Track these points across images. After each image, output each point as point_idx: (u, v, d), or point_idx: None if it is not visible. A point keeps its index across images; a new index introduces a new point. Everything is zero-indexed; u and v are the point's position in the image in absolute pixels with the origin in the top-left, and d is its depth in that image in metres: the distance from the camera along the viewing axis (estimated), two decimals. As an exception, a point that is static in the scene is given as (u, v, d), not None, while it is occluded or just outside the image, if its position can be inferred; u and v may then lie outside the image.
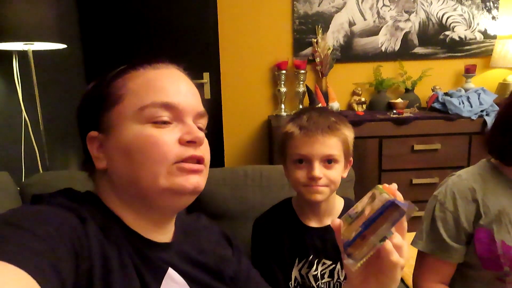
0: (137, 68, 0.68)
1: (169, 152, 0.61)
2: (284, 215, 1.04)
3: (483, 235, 0.94)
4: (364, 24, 2.83)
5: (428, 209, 1.03)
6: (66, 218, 0.54)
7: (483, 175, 0.99)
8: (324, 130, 0.92)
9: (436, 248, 0.99)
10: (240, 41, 2.83)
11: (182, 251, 0.70)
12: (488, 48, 2.89)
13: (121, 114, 0.64)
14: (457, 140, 2.49)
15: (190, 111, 0.66)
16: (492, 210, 0.94)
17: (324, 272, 0.99)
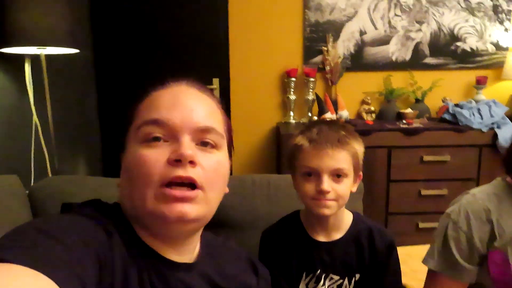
0: (155, 89, 0.68)
1: (155, 173, 0.58)
2: (292, 228, 1.03)
3: (498, 257, 0.92)
4: (375, 33, 2.82)
5: (441, 228, 1.01)
6: (94, 230, 0.54)
7: (498, 195, 0.97)
8: (333, 144, 0.92)
9: (448, 268, 0.98)
10: (250, 47, 2.84)
11: (204, 273, 0.68)
12: (499, 60, 2.86)
13: (129, 134, 0.65)
14: (467, 152, 2.47)
15: (185, 127, 0.61)
16: (507, 232, 0.92)
17: (332, 287, 0.98)
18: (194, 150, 0.60)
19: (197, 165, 0.60)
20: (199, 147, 0.63)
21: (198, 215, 0.60)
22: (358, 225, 1.01)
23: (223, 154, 0.66)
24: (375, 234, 0.99)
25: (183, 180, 0.58)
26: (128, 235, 0.61)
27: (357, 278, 0.98)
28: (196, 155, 0.60)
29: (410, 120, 2.57)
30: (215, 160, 0.64)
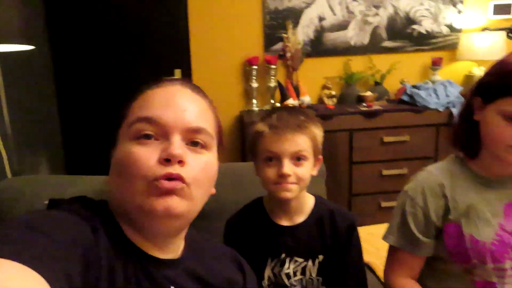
0: (146, 88, 0.68)
1: (145, 169, 0.59)
2: (255, 215, 1.04)
3: (452, 230, 0.96)
4: (334, 18, 2.86)
5: (399, 205, 1.04)
6: (81, 226, 0.55)
7: (451, 170, 1.01)
8: (293, 128, 0.93)
9: (407, 243, 1.01)
10: (211, 37, 2.81)
11: (189, 269, 0.69)
12: (454, 42, 2.97)
13: (122, 131, 0.66)
14: (425, 131, 2.56)
15: (176, 127, 0.62)
16: (461, 204, 0.96)
17: (296, 270, 1.00)
18: (184, 150, 0.62)
19: (186, 165, 0.61)
20: (189, 147, 0.63)
21: (183, 210, 0.61)
22: (320, 208, 1.04)
23: (212, 155, 0.68)
24: (336, 215, 1.02)
25: (172, 177, 0.60)
26: (114, 232, 0.61)
27: (320, 259, 1.01)
28: (186, 154, 0.62)
29: (370, 103, 2.64)
30: (204, 161, 0.65)
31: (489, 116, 0.91)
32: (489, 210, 0.95)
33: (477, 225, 0.94)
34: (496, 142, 0.91)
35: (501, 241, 0.92)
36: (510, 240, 0.92)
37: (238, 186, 1.34)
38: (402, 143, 2.55)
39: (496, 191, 0.97)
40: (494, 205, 0.96)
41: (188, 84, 0.69)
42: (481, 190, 0.98)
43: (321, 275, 1.01)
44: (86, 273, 0.51)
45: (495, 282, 0.92)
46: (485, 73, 0.97)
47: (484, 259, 0.92)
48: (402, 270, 1.04)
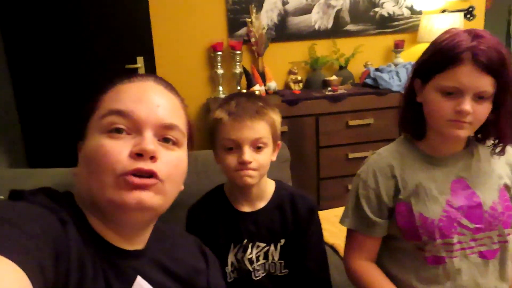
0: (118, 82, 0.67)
1: (115, 163, 0.59)
2: (217, 202, 1.04)
3: (403, 208, 1.00)
4: (297, 2, 2.84)
5: (353, 188, 1.07)
6: (49, 218, 0.54)
7: (400, 151, 1.04)
8: (252, 115, 0.93)
9: (361, 224, 1.04)
10: (173, 23, 2.75)
11: (154, 259, 0.70)
12: (415, 24, 3.02)
13: (91, 124, 0.65)
14: (389, 113, 2.60)
15: (149, 122, 0.62)
16: (410, 184, 0.99)
17: (259, 254, 1.01)
18: (156, 146, 0.62)
19: (158, 160, 0.62)
20: (160, 143, 0.64)
21: (154, 203, 0.61)
22: (281, 193, 1.04)
23: (182, 151, 0.68)
24: (297, 199, 1.03)
25: (143, 172, 0.60)
26: (80, 223, 0.60)
27: (282, 243, 1.02)
28: (158, 150, 0.62)
29: (335, 87, 2.66)
30: (175, 157, 0.65)
31: (429, 94, 0.94)
32: (436, 187, 0.98)
33: (426, 203, 0.97)
34: (437, 118, 0.93)
35: (448, 217, 0.96)
36: (456, 216, 0.96)
37: (202, 174, 1.33)
38: (366, 126, 2.59)
39: (442, 169, 1.00)
40: (441, 182, 0.99)
41: (161, 81, 0.69)
42: (428, 168, 1.00)
43: (283, 258, 1.02)
44: (57, 265, 0.51)
45: (444, 256, 0.96)
46: (421, 55, 1.00)
47: (433, 235, 0.95)
48: (360, 253, 1.06)
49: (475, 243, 0.97)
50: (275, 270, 1.03)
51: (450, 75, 0.89)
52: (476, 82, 0.87)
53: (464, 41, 0.88)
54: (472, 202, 0.97)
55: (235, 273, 1.03)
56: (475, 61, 0.86)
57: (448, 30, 0.95)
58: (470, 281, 0.96)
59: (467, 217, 0.96)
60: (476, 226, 0.96)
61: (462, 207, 0.97)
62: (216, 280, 0.82)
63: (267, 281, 1.03)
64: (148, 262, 0.68)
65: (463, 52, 0.87)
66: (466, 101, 0.88)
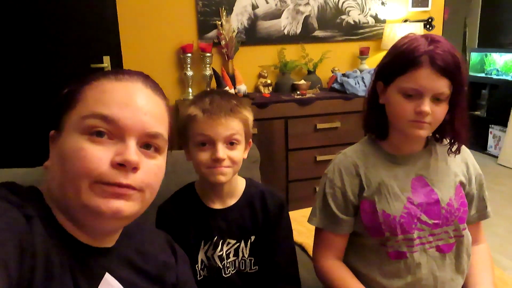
0: (105, 77, 0.64)
1: (93, 169, 0.57)
2: (188, 200, 1.04)
3: (367, 206, 1.03)
4: (267, 7, 2.88)
5: (320, 187, 1.10)
6: (13, 214, 0.52)
7: (365, 151, 1.08)
8: (227, 113, 0.94)
9: (329, 222, 1.06)
10: (141, 23, 2.71)
11: (123, 255, 0.69)
12: (379, 32, 3.13)
13: (70, 120, 0.61)
14: (355, 117, 2.68)
15: (134, 130, 0.60)
16: (373, 182, 1.03)
17: (229, 251, 1.02)
18: (139, 155, 0.61)
19: (139, 170, 0.61)
20: (142, 150, 0.63)
21: (132, 212, 0.60)
22: (251, 190, 1.06)
23: (163, 158, 0.67)
24: (267, 196, 1.05)
25: (122, 186, 0.59)
26: (47, 220, 0.58)
27: (252, 240, 1.03)
28: (141, 160, 0.61)
29: (304, 91, 2.71)
30: (156, 165, 0.64)
31: (391, 96, 0.98)
32: (398, 185, 1.03)
33: (388, 201, 1.01)
34: (399, 118, 0.97)
35: (409, 213, 1.00)
36: (416, 212, 1.00)
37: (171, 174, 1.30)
38: (334, 129, 2.66)
39: (403, 168, 1.04)
40: (402, 180, 1.03)
41: (149, 82, 0.67)
42: (390, 167, 1.05)
43: (253, 255, 1.03)
44: (22, 261, 0.49)
45: (406, 251, 1.00)
46: (382, 59, 1.04)
47: (394, 231, 0.99)
48: (328, 251, 1.09)
49: (433, 238, 1.01)
50: (245, 267, 1.03)
51: (410, 77, 0.93)
52: (434, 84, 0.92)
53: (421, 45, 0.93)
54: (431, 199, 1.02)
55: (205, 270, 1.03)
56: (432, 64, 0.91)
57: (407, 35, 1.00)
58: (429, 274, 1.01)
59: (426, 213, 1.01)
60: (434, 222, 1.01)
61: (421, 204, 1.01)
62: (185, 276, 0.82)
63: (237, 278, 1.03)
64: (117, 259, 0.67)
65: (421, 55, 0.92)
66: (425, 102, 0.92)
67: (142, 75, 0.67)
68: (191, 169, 1.34)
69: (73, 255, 0.60)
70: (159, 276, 0.74)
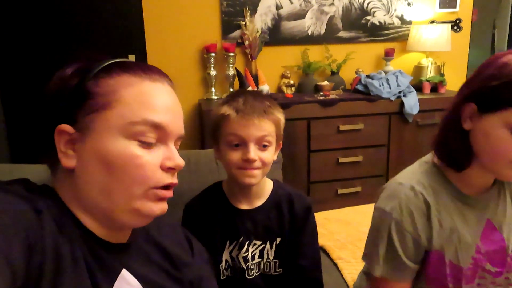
0: (131, 73, 0.63)
1: (151, 177, 0.61)
2: (215, 199, 1.04)
3: (434, 257, 0.90)
4: (291, 7, 2.87)
5: (381, 229, 0.90)
6: (22, 208, 0.52)
7: (432, 185, 0.90)
8: (260, 114, 0.94)
9: (395, 271, 0.91)
10: (166, 22, 2.74)
11: (141, 250, 0.70)
12: (404, 33, 3.08)
13: (108, 122, 0.60)
14: (378, 119, 2.65)
15: (175, 134, 0.65)
16: (445, 228, 0.88)
17: (255, 252, 1.01)
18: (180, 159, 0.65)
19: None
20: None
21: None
22: (278, 192, 1.05)
23: None
24: (294, 199, 1.04)
25: (172, 186, 0.64)
26: (61, 215, 0.59)
27: (278, 242, 1.02)
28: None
29: (327, 92, 2.69)
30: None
31: (491, 127, 0.80)
32: (469, 233, 0.89)
33: (457, 250, 0.89)
34: (498, 157, 0.80)
35: (475, 264, 0.90)
36: (482, 261, 0.90)
37: (194, 173, 1.33)
38: (357, 131, 2.63)
39: (475, 210, 0.90)
40: (473, 226, 0.90)
41: (169, 80, 0.69)
42: (462, 209, 0.90)
43: (277, 257, 1.03)
44: (30, 256, 0.49)
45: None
46: (485, 77, 0.81)
47: (459, 281, 0.90)
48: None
49: (493, 286, 0.92)
50: (269, 269, 1.03)
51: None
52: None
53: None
54: (498, 246, 0.90)
55: (228, 271, 1.03)
56: None
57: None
58: None
59: (490, 262, 0.90)
60: (497, 270, 0.90)
61: (488, 252, 0.90)
62: (201, 272, 0.81)
63: (260, 280, 1.03)
64: (134, 253, 0.68)
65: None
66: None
67: (163, 74, 0.69)
68: (213, 169, 1.35)
69: (89, 250, 0.60)
70: (175, 271, 0.74)
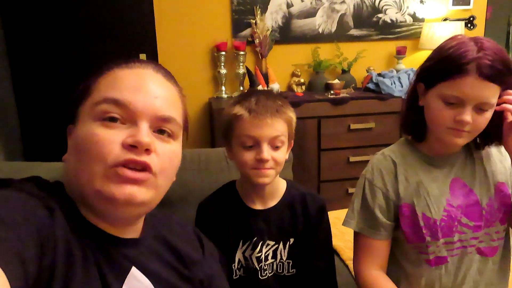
0: (117, 66, 0.64)
1: (107, 153, 0.57)
2: (228, 198, 1.03)
3: (406, 210, 0.99)
4: (302, 5, 2.86)
5: (358, 189, 1.06)
6: (34, 206, 0.52)
7: (402, 151, 1.05)
8: (272, 114, 0.93)
9: (367, 226, 1.02)
10: (177, 21, 2.74)
11: (150, 247, 0.68)
12: (417, 31, 3.04)
13: (84, 108, 0.62)
14: (389, 118, 2.62)
15: (146, 113, 0.60)
16: (412, 183, 1.00)
17: (268, 253, 1.01)
18: (151, 138, 0.60)
19: (152, 153, 0.60)
20: (156, 134, 0.62)
21: (146, 198, 0.60)
22: (292, 192, 1.04)
23: (178, 144, 0.67)
24: (308, 199, 1.03)
25: (137, 164, 0.58)
26: (70, 212, 0.58)
27: (291, 242, 1.02)
28: (154, 143, 0.60)
29: (338, 91, 2.67)
30: (170, 150, 0.63)
31: (431, 101, 0.94)
32: (437, 187, 0.99)
33: (428, 203, 0.98)
34: (437, 125, 0.94)
35: (449, 216, 0.97)
36: (456, 214, 0.97)
37: (204, 171, 1.33)
38: (368, 130, 2.60)
39: (442, 169, 1.01)
40: (441, 182, 1.00)
41: (160, 69, 0.67)
42: (429, 169, 1.01)
43: (291, 258, 1.02)
44: (42, 254, 0.49)
45: (446, 255, 0.97)
46: (426, 60, 0.99)
47: (436, 235, 0.96)
48: (370, 259, 1.03)
49: (475, 241, 0.98)
50: (282, 270, 1.02)
51: (454, 84, 0.88)
52: (479, 94, 0.87)
53: (470, 51, 0.87)
54: (470, 200, 0.98)
55: (241, 270, 1.03)
56: (479, 73, 0.86)
57: (455, 37, 0.94)
58: (469, 278, 0.98)
59: (466, 216, 0.97)
60: (476, 224, 0.97)
61: (461, 205, 0.98)
62: (211, 271, 0.80)
63: (273, 281, 1.02)
64: (144, 251, 0.67)
65: (469, 63, 0.86)
66: (467, 111, 0.88)
67: (153, 63, 0.67)
68: (224, 167, 1.35)
69: (98, 247, 0.59)
70: (187, 271, 0.73)
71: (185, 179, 1.29)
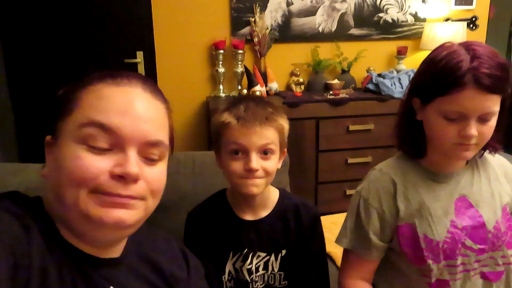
0: (101, 81, 0.60)
1: (94, 178, 0.55)
2: (219, 208, 1.00)
3: (406, 231, 0.95)
4: (302, 4, 2.82)
5: (353, 206, 1.01)
6: (9, 224, 0.51)
7: (402, 167, 0.99)
8: (262, 121, 0.89)
9: (360, 246, 0.99)
10: (175, 19, 2.71)
11: (131, 266, 0.66)
12: (418, 31, 3.00)
13: (67, 126, 0.58)
14: (389, 120, 2.56)
15: (134, 139, 0.58)
16: (413, 203, 0.95)
17: (259, 264, 0.98)
18: (140, 166, 0.58)
19: (140, 181, 0.58)
20: (143, 160, 0.60)
21: (135, 221, 0.58)
22: (285, 202, 1.01)
23: (164, 163, 0.65)
24: (301, 209, 1.00)
25: (122, 197, 0.56)
26: (48, 230, 0.56)
27: (283, 253, 0.99)
28: (142, 170, 0.58)
29: (337, 91, 2.63)
30: (158, 171, 0.62)
31: (431, 118, 0.90)
32: (441, 207, 0.94)
33: (430, 224, 0.93)
34: (442, 142, 0.89)
35: (453, 238, 0.92)
36: (461, 237, 0.92)
37: (198, 176, 1.30)
38: (367, 131, 2.57)
39: (446, 186, 0.96)
40: (444, 201, 0.95)
41: (149, 86, 0.63)
42: (432, 186, 0.96)
43: (283, 269, 1.00)
44: (15, 274, 0.47)
45: (448, 279, 0.92)
46: (417, 73, 0.94)
47: (437, 257, 0.92)
48: (353, 272, 1.02)
49: (478, 264, 0.93)
50: (274, 282, 1.00)
51: (452, 99, 0.84)
52: (480, 105, 0.83)
53: (463, 61, 0.82)
54: (476, 221, 0.94)
55: (232, 282, 1.00)
56: (478, 85, 0.81)
57: (443, 46, 0.89)
58: None
59: (471, 238, 0.92)
60: (480, 247, 0.92)
61: (466, 227, 0.93)
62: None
63: (265, 292, 1.00)
64: (124, 270, 0.65)
65: (465, 75, 0.82)
66: (470, 124, 0.84)
67: (141, 78, 0.63)
68: (219, 171, 1.31)
69: (76, 267, 0.57)
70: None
71: (179, 183, 1.26)
